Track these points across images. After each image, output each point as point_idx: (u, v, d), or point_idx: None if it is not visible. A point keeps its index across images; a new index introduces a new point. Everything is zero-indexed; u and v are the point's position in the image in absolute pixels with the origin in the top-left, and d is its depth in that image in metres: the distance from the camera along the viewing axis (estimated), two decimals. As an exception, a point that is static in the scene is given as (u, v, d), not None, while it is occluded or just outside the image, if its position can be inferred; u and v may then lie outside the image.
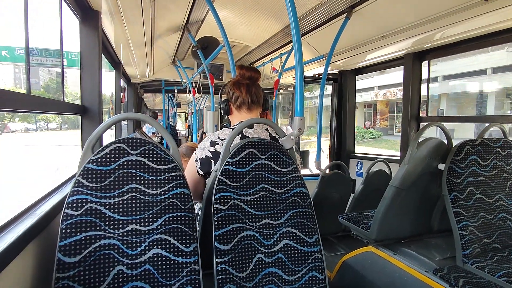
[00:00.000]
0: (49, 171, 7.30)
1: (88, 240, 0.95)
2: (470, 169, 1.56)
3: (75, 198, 0.96)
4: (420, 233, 1.79)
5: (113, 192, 1.00)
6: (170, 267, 1.01)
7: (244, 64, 2.40)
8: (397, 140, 16.45)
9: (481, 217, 1.52)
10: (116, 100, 3.54)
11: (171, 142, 1.12)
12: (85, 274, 0.93)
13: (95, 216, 0.97)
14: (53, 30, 1.63)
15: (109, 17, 2.07)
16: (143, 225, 1.01)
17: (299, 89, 1.22)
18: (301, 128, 1.23)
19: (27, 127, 15.51)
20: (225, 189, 1.13)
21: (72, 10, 1.60)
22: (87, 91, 1.73)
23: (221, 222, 1.10)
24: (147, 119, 1.12)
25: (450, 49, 2.50)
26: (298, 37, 1.18)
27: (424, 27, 2.13)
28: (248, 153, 1.18)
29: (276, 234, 1.17)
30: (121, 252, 0.97)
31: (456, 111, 16.47)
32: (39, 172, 7.60)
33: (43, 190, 1.30)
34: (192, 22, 2.58)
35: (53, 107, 1.41)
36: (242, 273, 1.09)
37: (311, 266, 1.18)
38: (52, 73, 14.17)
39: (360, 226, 1.86)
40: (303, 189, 1.24)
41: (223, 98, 1.50)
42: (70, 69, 2.81)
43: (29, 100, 1.12)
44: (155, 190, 1.04)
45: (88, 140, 1.01)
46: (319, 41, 2.90)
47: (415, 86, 2.77)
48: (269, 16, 2.66)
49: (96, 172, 0.99)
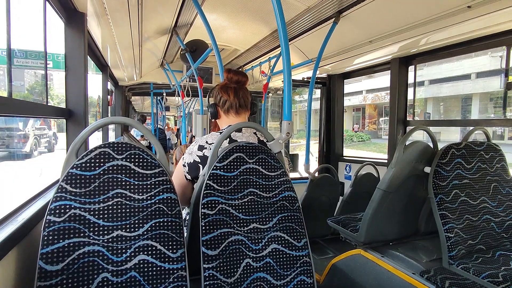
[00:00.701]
0: (32, 176, 7.06)
1: (72, 247, 0.92)
2: (455, 172, 1.59)
3: (58, 204, 0.93)
4: (407, 236, 1.81)
5: (98, 197, 0.97)
6: (157, 273, 0.99)
7: (233, 68, 2.39)
8: (385, 143, 16.70)
9: (466, 219, 1.54)
10: (103, 103, 3.48)
11: (158, 146, 1.11)
12: (68, 282, 0.90)
13: (79, 222, 0.94)
14: (39, 32, 1.59)
15: (95, 19, 2.04)
16: (128, 231, 0.99)
17: (287, 93, 1.22)
18: (289, 132, 1.23)
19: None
20: (213, 194, 1.12)
21: (56, 12, 1.56)
22: (72, 94, 1.70)
23: (208, 227, 1.09)
24: (134, 123, 1.10)
25: (435, 54, 2.56)
26: (286, 41, 1.19)
27: (410, 33, 2.17)
28: (236, 157, 1.18)
29: (264, 239, 1.17)
30: (106, 259, 0.95)
31: (442, 115, 16.86)
32: (21, 177, 7.36)
33: (24, 195, 1.26)
34: (181, 25, 2.57)
35: (37, 110, 1.38)
36: (230, 279, 1.08)
37: (299, 270, 1.17)
38: (37, 76, 13.86)
39: (349, 229, 1.87)
40: (291, 193, 1.24)
41: (211, 102, 1.49)
42: (56, 72, 2.75)
43: (11, 104, 1.09)
44: (141, 195, 1.02)
45: (72, 144, 0.99)
46: (307, 45, 2.92)
47: (401, 90, 2.82)
48: (258, 20, 2.67)
49: (80, 177, 0.97)
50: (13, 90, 1.22)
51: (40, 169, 7.79)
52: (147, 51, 3.28)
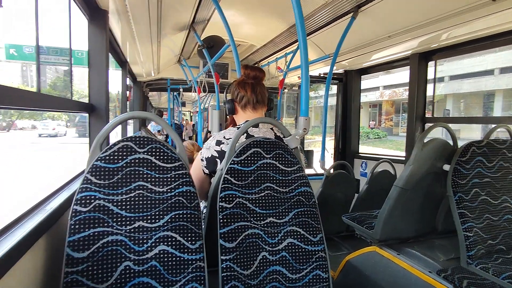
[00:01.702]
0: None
1: (96, 236, 0.97)
2: (475, 170, 1.55)
3: (84, 195, 0.98)
4: (424, 234, 1.79)
5: (121, 189, 1.01)
6: (176, 263, 1.02)
7: (249, 64, 2.40)
8: (402, 140, 16.34)
9: (486, 218, 1.51)
10: (122, 99, 3.57)
11: (177, 140, 1.14)
12: (93, 269, 0.95)
13: (103, 212, 0.99)
14: (60, 28, 1.65)
15: (116, 16, 2.09)
16: (149, 222, 1.02)
17: (305, 88, 1.23)
18: (306, 127, 1.23)
19: (34, 125, 15.58)
20: (230, 188, 1.15)
21: (81, 10, 1.62)
22: (94, 90, 1.76)
23: (226, 220, 1.11)
24: (155, 117, 1.13)
25: (457, 50, 2.49)
26: (304, 36, 1.19)
27: (431, 27, 2.12)
28: (253, 152, 1.19)
29: (280, 233, 1.18)
30: (128, 248, 0.99)
31: (462, 112, 16.33)
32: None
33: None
34: (198, 22, 2.60)
35: (63, 105, 1.43)
36: (247, 271, 1.10)
37: (315, 265, 1.18)
38: (58, 71, 14.30)
39: (364, 226, 1.86)
40: (307, 188, 1.24)
41: (228, 98, 1.51)
42: (76, 68, 2.84)
43: (40, 98, 1.14)
44: (162, 187, 1.05)
45: (96, 138, 1.03)
46: (324, 40, 2.90)
47: (421, 86, 2.76)
48: (274, 15, 2.67)
49: (104, 170, 1.01)
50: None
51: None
52: (165, 47, 3.33)
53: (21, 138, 13.29)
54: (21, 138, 13.26)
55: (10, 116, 14.32)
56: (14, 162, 9.38)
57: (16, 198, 5.15)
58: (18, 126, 15.08)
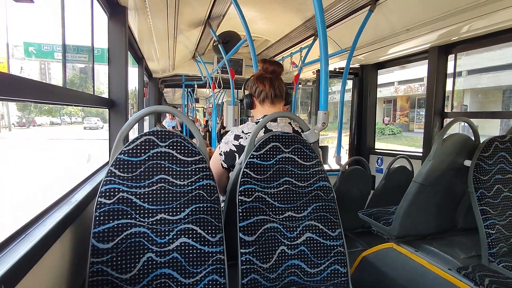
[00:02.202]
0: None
1: (120, 228, 1.00)
2: (498, 166, 1.52)
3: (108, 188, 1.01)
4: (444, 231, 1.76)
5: (143, 182, 1.04)
6: (197, 256, 1.04)
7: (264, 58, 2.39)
8: (417, 136, 15.99)
9: (509, 215, 1.47)
10: (139, 95, 3.63)
11: (198, 135, 1.16)
12: (117, 260, 0.98)
13: (127, 205, 1.01)
14: (78, 26, 1.69)
15: (134, 12, 2.12)
16: (171, 215, 1.04)
17: (324, 82, 1.22)
18: (325, 122, 1.23)
19: (52, 121, 16.33)
20: (250, 182, 1.16)
21: (101, 6, 1.65)
22: (114, 86, 1.79)
23: (245, 214, 1.13)
24: (177, 112, 1.16)
25: (478, 42, 2.41)
26: (323, 29, 1.18)
27: (451, 19, 2.06)
28: (272, 147, 1.20)
29: (299, 227, 1.19)
30: (150, 240, 1.02)
31: (480, 107, 15.82)
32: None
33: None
34: (214, 17, 2.61)
35: (86, 100, 1.47)
36: (266, 264, 1.12)
37: (333, 260, 1.19)
38: (75, 69, 14.60)
39: (381, 222, 1.85)
40: (326, 183, 1.24)
41: (246, 93, 1.51)
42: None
43: (66, 93, 1.18)
44: (183, 181, 1.07)
45: (120, 131, 1.06)
46: (340, 34, 2.86)
47: (439, 80, 2.69)
48: (290, 9, 2.64)
49: (127, 163, 1.03)
50: (55, 83, 1.32)
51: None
52: (180, 43, 3.36)
53: (73, 130, 16.37)
54: (73, 131, 16.12)
55: (29, 113, 14.78)
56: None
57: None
58: (37, 123, 15.66)
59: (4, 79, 0.72)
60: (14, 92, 0.76)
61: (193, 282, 1.02)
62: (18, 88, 0.78)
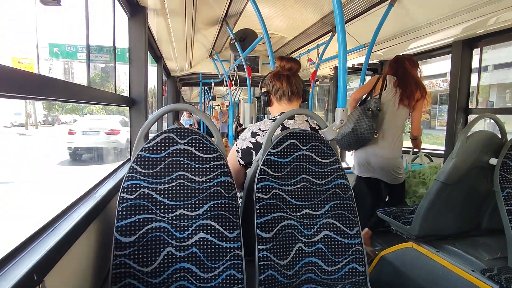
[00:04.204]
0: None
1: (142, 222, 1.03)
2: None
3: (130, 183, 1.04)
4: (467, 231, 1.70)
5: (163, 178, 1.06)
6: (215, 251, 1.06)
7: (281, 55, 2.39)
8: (438, 134, 15.48)
9: None
10: (158, 94, 3.70)
11: (216, 132, 1.17)
12: (139, 253, 1.01)
13: (147, 200, 1.04)
14: (98, 27, 1.74)
15: (153, 12, 2.16)
16: (190, 210, 1.07)
17: (342, 78, 1.20)
18: (343, 119, 1.21)
19: (75, 119, 16.94)
20: (267, 179, 1.16)
21: (122, 7, 1.69)
22: (135, 85, 1.84)
23: (263, 211, 1.13)
24: (196, 110, 1.18)
25: (506, 35, 2.30)
26: (342, 24, 1.16)
27: (477, 12, 1.97)
28: (289, 144, 1.20)
29: (316, 225, 1.18)
30: (170, 235, 1.04)
31: (508, 104, 15.12)
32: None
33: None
34: (231, 15, 2.62)
35: (109, 99, 1.52)
36: (283, 261, 1.12)
37: (351, 258, 1.18)
38: (96, 68, 15.04)
39: (401, 221, 1.81)
40: (344, 181, 1.23)
41: (263, 90, 1.51)
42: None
43: (91, 93, 1.23)
44: (201, 177, 1.09)
45: (141, 129, 1.09)
46: (359, 30, 2.80)
47: (464, 75, 2.59)
48: (307, 5, 2.62)
49: (148, 160, 1.06)
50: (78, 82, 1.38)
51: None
52: (197, 42, 3.40)
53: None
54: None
55: (54, 111, 15.39)
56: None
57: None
58: (61, 121, 16.34)
59: (35, 79, 0.75)
60: (44, 92, 0.80)
61: (211, 276, 1.04)
62: (47, 88, 0.82)
